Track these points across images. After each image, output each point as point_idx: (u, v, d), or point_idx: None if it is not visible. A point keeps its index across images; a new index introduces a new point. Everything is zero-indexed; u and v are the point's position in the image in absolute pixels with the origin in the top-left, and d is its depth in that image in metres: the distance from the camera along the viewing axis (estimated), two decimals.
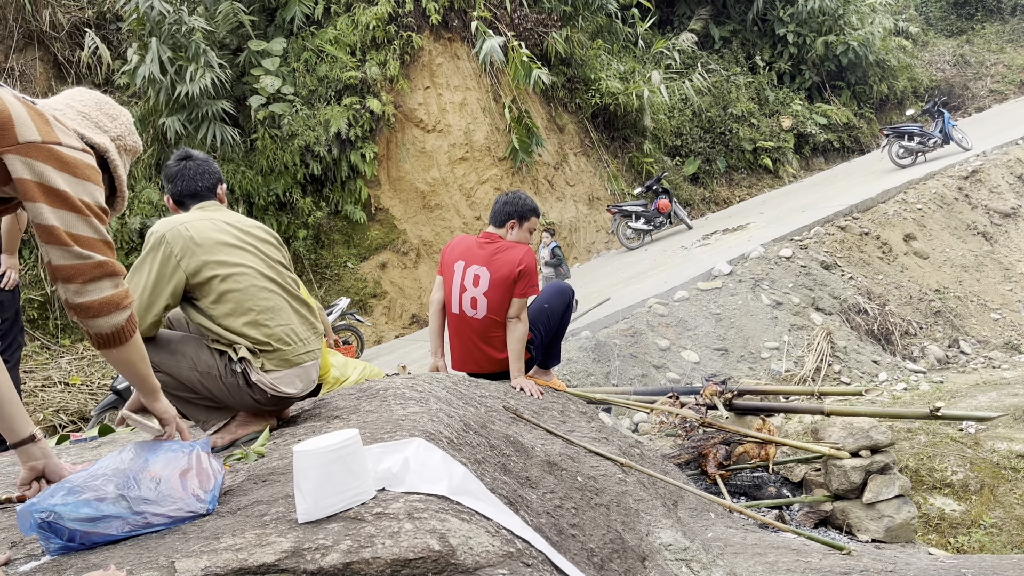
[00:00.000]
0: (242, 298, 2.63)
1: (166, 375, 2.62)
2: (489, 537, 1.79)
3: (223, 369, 2.63)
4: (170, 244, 2.57)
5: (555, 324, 4.17)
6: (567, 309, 4.23)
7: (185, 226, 2.62)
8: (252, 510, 1.92)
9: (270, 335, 2.66)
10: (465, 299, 3.95)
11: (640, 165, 15.37)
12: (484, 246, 3.98)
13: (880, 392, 7.46)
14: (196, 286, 2.60)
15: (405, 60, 12.95)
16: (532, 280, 3.88)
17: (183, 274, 2.57)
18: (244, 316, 2.62)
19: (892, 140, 14.26)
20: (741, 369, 8.13)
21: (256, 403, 2.70)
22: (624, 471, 3.30)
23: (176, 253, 2.57)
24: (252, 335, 2.63)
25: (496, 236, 4.03)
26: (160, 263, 2.56)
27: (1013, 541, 4.81)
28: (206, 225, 2.67)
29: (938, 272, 10.61)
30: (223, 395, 2.66)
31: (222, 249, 2.64)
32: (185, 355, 2.64)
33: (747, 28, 18.86)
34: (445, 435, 2.48)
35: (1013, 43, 22.31)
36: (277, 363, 2.67)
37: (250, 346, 2.63)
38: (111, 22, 12.41)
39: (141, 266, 2.58)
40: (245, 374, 2.62)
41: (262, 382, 2.62)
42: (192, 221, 2.67)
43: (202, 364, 2.63)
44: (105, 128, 1.96)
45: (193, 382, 2.64)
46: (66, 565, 1.69)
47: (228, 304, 2.62)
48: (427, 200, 12.90)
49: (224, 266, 2.62)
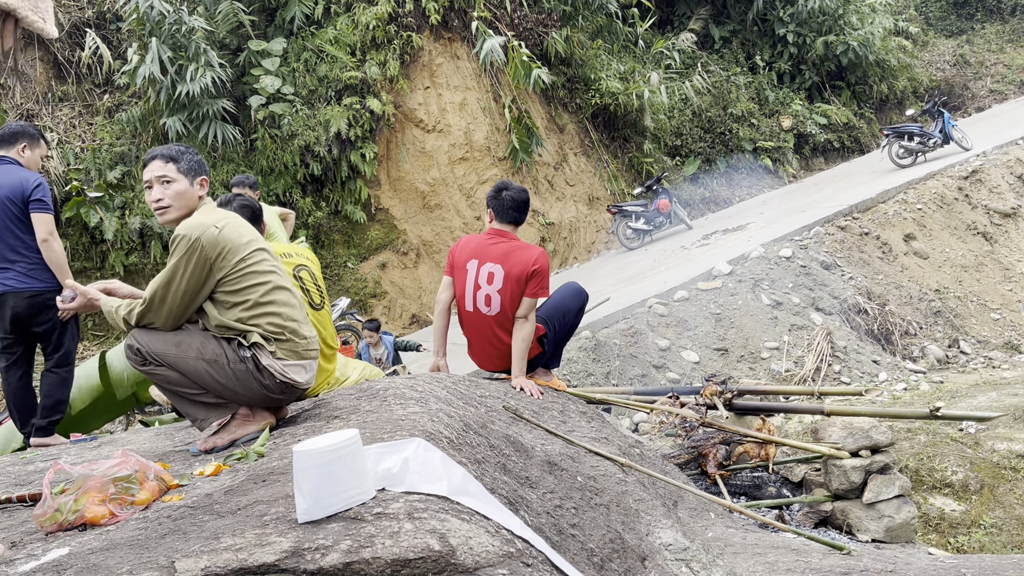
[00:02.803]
0: (265, 292, 2.76)
1: (169, 369, 2.63)
2: (489, 537, 1.79)
3: (231, 355, 2.68)
4: (205, 248, 2.64)
5: (569, 323, 4.19)
6: (580, 312, 4.25)
7: (215, 226, 2.69)
8: (252, 510, 1.92)
9: (283, 327, 2.77)
10: (479, 296, 3.95)
11: (640, 165, 15.37)
12: (497, 243, 3.96)
13: (880, 392, 7.46)
14: (223, 282, 2.69)
15: (405, 60, 12.95)
16: (544, 282, 3.88)
17: (216, 276, 2.67)
18: (263, 308, 2.74)
19: (892, 140, 14.25)
20: (741, 369, 8.13)
21: (263, 390, 2.72)
22: (624, 471, 3.30)
23: (211, 257, 2.65)
24: (268, 324, 2.74)
25: (508, 233, 4.02)
26: (196, 267, 2.63)
27: (1013, 541, 4.81)
28: (235, 223, 2.79)
29: (938, 272, 10.60)
30: (229, 383, 2.67)
31: (248, 248, 2.77)
32: (191, 345, 2.67)
33: (747, 28, 18.85)
34: (445, 435, 2.48)
35: (1013, 43, 22.30)
36: (287, 352, 2.77)
37: (264, 333, 2.73)
38: (111, 22, 12.41)
39: (175, 270, 2.62)
40: (255, 359, 2.69)
41: (272, 367, 2.71)
42: (220, 221, 2.73)
43: (209, 352, 2.67)
44: None
45: (199, 372, 2.65)
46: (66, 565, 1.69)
47: (250, 296, 2.72)
48: (427, 200, 12.90)
49: (251, 265, 2.75)
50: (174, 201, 2.75)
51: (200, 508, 2.01)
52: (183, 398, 2.72)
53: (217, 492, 2.14)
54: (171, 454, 2.87)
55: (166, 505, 2.10)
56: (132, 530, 1.91)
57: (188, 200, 2.78)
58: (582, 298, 4.24)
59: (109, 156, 11.25)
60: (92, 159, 11.07)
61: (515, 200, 4.01)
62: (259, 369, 2.69)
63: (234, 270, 2.70)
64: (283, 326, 2.77)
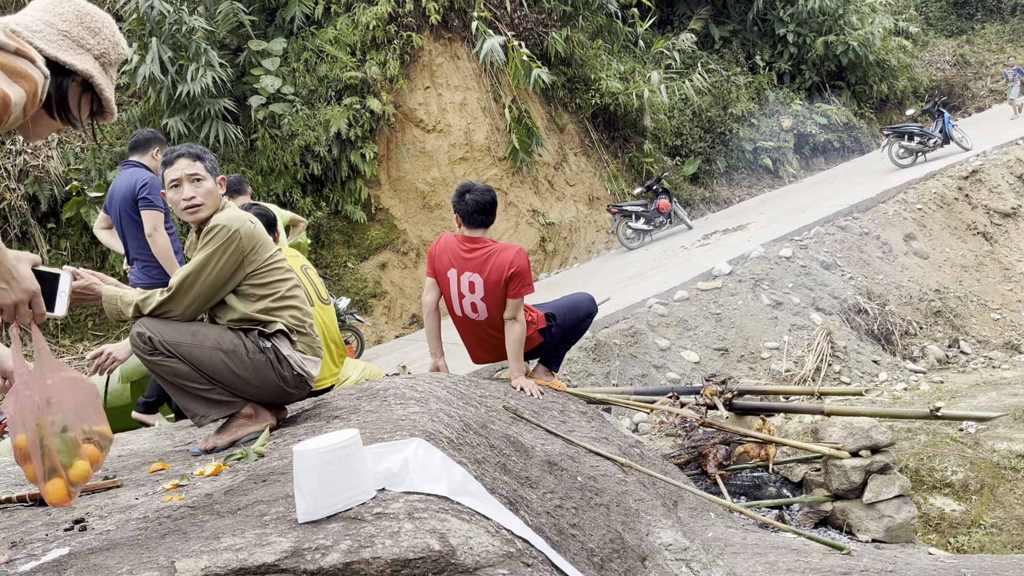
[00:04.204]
0: (290, 288, 2.83)
1: (179, 360, 2.60)
2: (489, 537, 1.79)
3: (250, 346, 2.71)
4: (243, 240, 2.68)
5: (576, 322, 4.18)
6: (588, 318, 4.24)
7: (250, 221, 2.75)
8: (252, 510, 1.92)
9: (304, 321, 2.85)
10: (465, 304, 3.94)
11: (640, 165, 15.37)
12: (472, 251, 3.88)
13: (880, 392, 7.46)
14: (252, 275, 2.74)
15: (405, 60, 12.95)
16: (525, 279, 3.83)
17: (247, 269, 2.71)
18: (287, 301, 2.80)
19: (892, 140, 14.26)
20: (741, 369, 8.13)
21: (279, 381, 2.74)
22: (624, 471, 3.30)
23: (246, 249, 2.70)
24: (290, 316, 2.80)
25: (480, 239, 3.90)
26: (231, 257, 2.65)
27: (1013, 541, 4.81)
28: (259, 224, 2.85)
29: (938, 272, 10.60)
30: (246, 374, 2.68)
31: (274, 246, 2.85)
32: (207, 335, 2.67)
33: (747, 28, 18.85)
34: (445, 435, 2.48)
35: (1013, 43, 22.29)
36: (305, 347, 2.84)
37: (288, 324, 2.78)
38: None
39: (210, 259, 2.63)
40: (276, 348, 2.73)
41: (292, 358, 2.75)
42: (252, 218, 2.80)
43: (227, 342, 2.68)
44: (88, 46, 1.79)
45: (215, 363, 2.64)
46: (66, 565, 1.69)
47: (279, 289, 2.78)
48: (427, 200, 12.90)
49: (279, 260, 2.82)
50: (206, 199, 2.75)
51: (200, 508, 2.01)
52: (186, 393, 2.68)
53: (217, 492, 2.14)
54: (171, 454, 2.87)
55: (166, 505, 2.10)
56: (132, 530, 1.91)
57: (217, 199, 2.79)
58: (593, 305, 4.24)
59: (109, 156, 11.26)
60: (92, 159, 11.07)
61: (478, 204, 3.86)
62: (279, 359, 2.72)
63: (265, 264, 2.75)
64: (303, 320, 2.85)
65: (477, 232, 3.92)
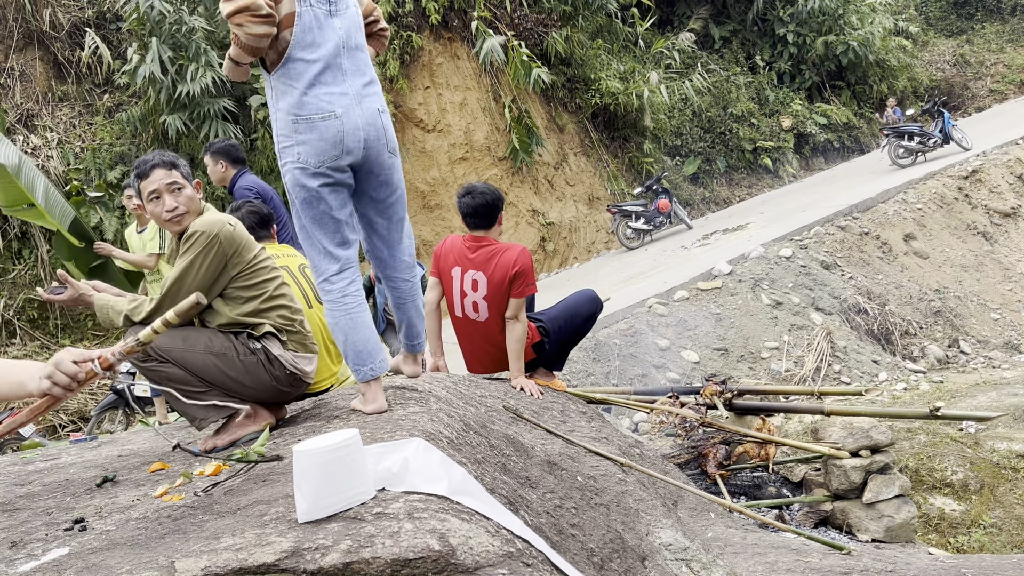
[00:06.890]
0: (277, 287, 2.81)
1: (172, 366, 2.62)
2: (489, 537, 1.79)
3: (240, 348, 2.70)
4: (223, 244, 2.66)
5: (576, 327, 4.17)
6: (591, 318, 4.22)
7: (229, 224, 2.72)
8: (252, 510, 1.92)
9: (293, 319, 2.84)
10: (467, 303, 3.95)
11: (640, 165, 15.37)
12: (476, 249, 3.93)
13: (880, 392, 7.46)
14: (237, 277, 2.72)
15: (405, 60, 12.95)
16: (528, 279, 3.86)
17: (231, 273, 2.70)
18: (275, 301, 2.79)
19: (892, 140, 14.26)
20: (741, 369, 8.13)
21: (273, 381, 2.73)
22: (624, 471, 3.30)
23: (228, 253, 2.68)
24: (278, 316, 2.79)
25: (484, 238, 3.95)
26: (212, 262, 2.64)
27: (1013, 541, 4.81)
28: (239, 224, 2.82)
29: (938, 272, 10.60)
30: (239, 376, 2.67)
31: (258, 246, 2.83)
32: (198, 340, 2.67)
33: (747, 28, 18.85)
34: (445, 435, 2.48)
35: (1013, 43, 22.29)
36: (296, 345, 2.83)
37: (276, 325, 2.78)
38: (111, 22, 12.40)
39: (191, 265, 2.62)
40: (266, 350, 2.72)
41: (283, 357, 2.75)
42: (231, 220, 2.77)
43: (217, 346, 2.68)
44: None
45: (207, 366, 2.65)
46: (66, 565, 1.69)
47: (265, 290, 2.77)
48: (427, 200, 12.90)
49: (263, 260, 2.80)
50: (189, 207, 2.71)
51: (200, 508, 2.01)
52: (185, 395, 2.69)
53: (217, 492, 2.14)
54: (171, 454, 2.87)
55: (166, 505, 2.10)
56: (132, 530, 1.91)
57: (197, 204, 2.77)
58: (595, 305, 4.20)
59: (109, 156, 11.25)
60: (92, 159, 11.07)
61: (477, 206, 3.90)
62: (270, 360, 2.72)
63: (250, 265, 2.74)
64: (292, 319, 2.84)
65: (480, 232, 3.99)
